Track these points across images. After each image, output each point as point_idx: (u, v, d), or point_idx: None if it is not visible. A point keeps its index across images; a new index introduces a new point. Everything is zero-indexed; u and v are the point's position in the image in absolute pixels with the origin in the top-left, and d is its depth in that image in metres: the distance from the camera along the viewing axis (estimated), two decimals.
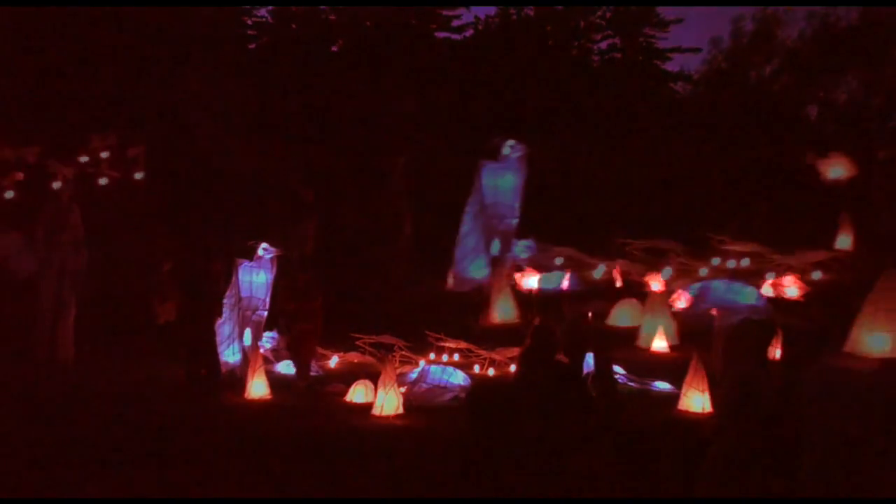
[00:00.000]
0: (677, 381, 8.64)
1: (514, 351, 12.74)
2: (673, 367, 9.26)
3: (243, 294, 10.74)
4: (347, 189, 13.29)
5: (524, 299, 12.36)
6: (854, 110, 22.08)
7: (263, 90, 13.89)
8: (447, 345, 13.22)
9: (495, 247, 13.29)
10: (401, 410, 9.35)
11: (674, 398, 8.51)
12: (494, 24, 22.73)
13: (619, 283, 13.31)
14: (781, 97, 22.54)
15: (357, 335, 11.71)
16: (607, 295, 12.44)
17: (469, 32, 22.48)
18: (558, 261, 15.20)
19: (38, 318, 10.17)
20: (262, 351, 10.42)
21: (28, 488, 6.88)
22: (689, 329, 10.43)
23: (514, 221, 13.52)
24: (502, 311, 11.44)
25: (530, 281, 13.50)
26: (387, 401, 9.29)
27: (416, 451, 8.17)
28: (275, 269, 10.74)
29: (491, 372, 11.00)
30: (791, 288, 12.57)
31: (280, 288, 10.53)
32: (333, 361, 12.42)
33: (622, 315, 11.14)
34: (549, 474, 6.10)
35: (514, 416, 6.15)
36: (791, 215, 15.58)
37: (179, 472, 7.33)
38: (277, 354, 11.64)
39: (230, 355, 10.92)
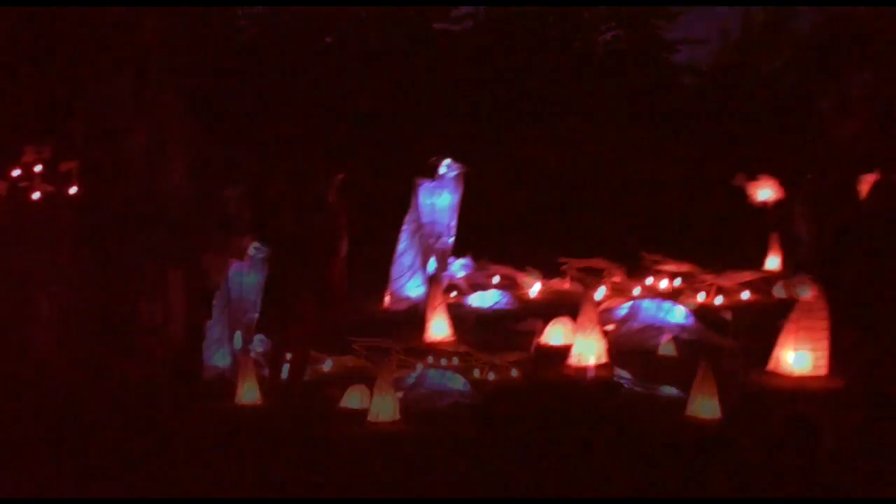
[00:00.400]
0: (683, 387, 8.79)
1: (515, 356, 12.90)
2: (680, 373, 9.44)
3: (233, 295, 10.66)
4: (285, 205, 13.24)
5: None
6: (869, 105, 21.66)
7: (204, 100, 13.79)
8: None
9: (431, 265, 13.41)
10: (397, 416, 9.19)
11: (681, 403, 8.64)
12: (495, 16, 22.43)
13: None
14: (793, 91, 22.01)
15: (353, 338, 11.69)
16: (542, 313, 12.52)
17: (468, 24, 22.34)
18: (495, 279, 15.38)
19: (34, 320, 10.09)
20: (252, 355, 10.35)
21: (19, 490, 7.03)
22: (619, 348, 10.59)
23: (451, 240, 13.66)
24: (437, 330, 11.49)
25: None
26: (383, 407, 9.10)
27: (414, 458, 8.12)
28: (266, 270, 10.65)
29: (491, 376, 10.79)
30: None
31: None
32: (328, 365, 12.27)
33: (555, 334, 11.25)
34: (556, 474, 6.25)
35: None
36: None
37: (161, 478, 7.54)
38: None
39: (220, 359, 10.94)
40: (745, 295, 14.41)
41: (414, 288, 13.21)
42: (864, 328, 8.62)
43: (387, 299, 13.49)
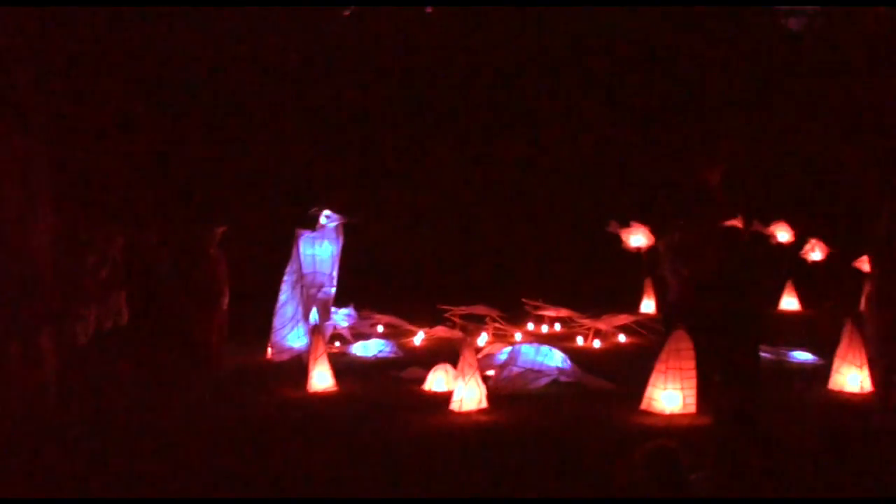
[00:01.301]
0: None
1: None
2: None
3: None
4: (164, 259, 13.08)
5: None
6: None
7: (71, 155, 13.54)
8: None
9: (314, 316, 13.39)
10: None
11: None
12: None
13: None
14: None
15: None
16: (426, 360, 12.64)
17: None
18: (379, 328, 15.47)
19: None
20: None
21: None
22: (499, 392, 10.78)
23: (333, 290, 13.68)
24: (319, 380, 11.46)
25: None
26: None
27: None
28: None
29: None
30: None
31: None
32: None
33: (437, 380, 11.37)
34: None
35: None
36: None
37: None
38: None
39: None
40: (622, 338, 14.92)
41: (296, 339, 13.13)
42: (727, 369, 9.03)
43: (269, 350, 13.38)
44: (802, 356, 12.97)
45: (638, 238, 16.26)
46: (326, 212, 13.40)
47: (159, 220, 12.58)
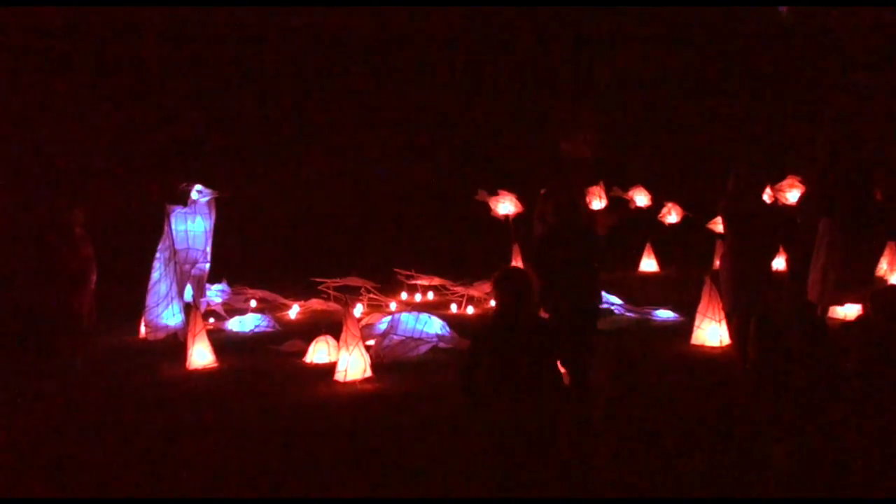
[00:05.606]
0: None
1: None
2: None
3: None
4: (29, 237, 12.66)
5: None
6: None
7: None
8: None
9: (188, 293, 13.21)
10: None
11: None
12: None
13: None
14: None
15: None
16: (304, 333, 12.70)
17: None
18: (252, 303, 15.38)
19: None
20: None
21: None
22: (382, 360, 10.96)
23: (207, 266, 13.51)
24: (199, 357, 11.36)
25: None
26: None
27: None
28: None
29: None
30: None
31: None
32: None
33: (318, 352, 11.45)
34: None
35: None
36: None
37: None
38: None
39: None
40: (493, 303, 15.30)
41: (171, 316, 12.93)
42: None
43: (143, 329, 13.13)
44: (665, 314, 13.67)
45: (506, 206, 16.65)
46: (198, 186, 13.19)
47: (22, 200, 12.15)
